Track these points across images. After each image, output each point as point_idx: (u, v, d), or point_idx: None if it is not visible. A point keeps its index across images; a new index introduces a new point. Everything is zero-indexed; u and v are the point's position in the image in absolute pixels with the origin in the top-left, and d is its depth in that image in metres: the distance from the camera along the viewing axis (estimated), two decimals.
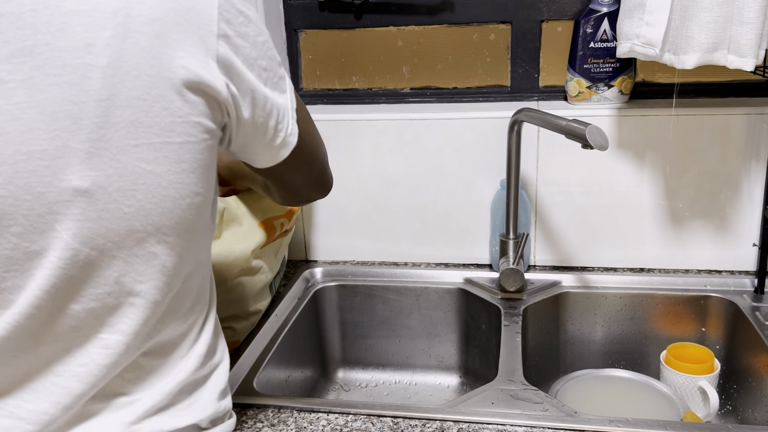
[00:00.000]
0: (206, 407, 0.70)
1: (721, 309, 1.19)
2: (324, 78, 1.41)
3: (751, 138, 1.18)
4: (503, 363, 1.03)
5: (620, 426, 0.86)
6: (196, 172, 0.60)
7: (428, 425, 0.88)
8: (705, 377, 1.07)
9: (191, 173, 0.60)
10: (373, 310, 1.32)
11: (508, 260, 1.21)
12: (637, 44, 1.04)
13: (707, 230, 1.24)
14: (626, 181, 1.23)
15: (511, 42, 1.32)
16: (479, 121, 1.25)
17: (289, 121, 0.69)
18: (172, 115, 0.57)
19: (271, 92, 0.66)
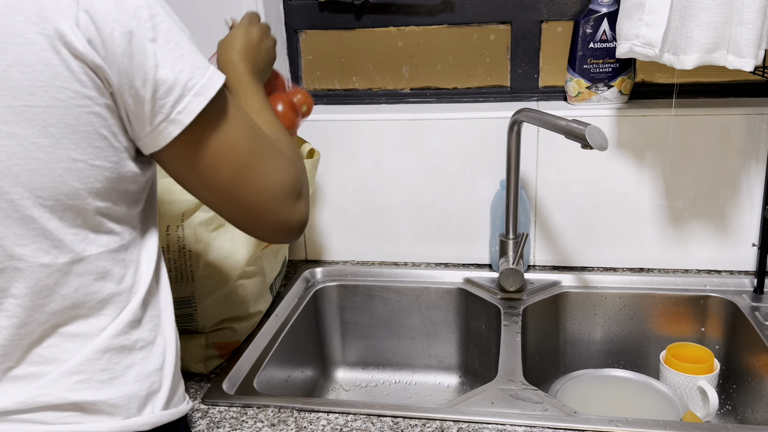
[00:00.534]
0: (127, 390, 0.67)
1: (720, 309, 1.19)
2: (324, 78, 1.41)
3: (751, 138, 1.18)
4: (503, 363, 1.03)
5: (620, 426, 0.86)
6: (71, 137, 0.59)
7: (428, 425, 0.88)
8: (704, 377, 1.08)
9: (63, 138, 0.59)
10: (373, 310, 1.32)
11: (507, 260, 1.22)
12: (636, 44, 1.04)
13: (707, 230, 1.24)
14: (626, 181, 1.24)
15: (511, 42, 1.32)
16: (479, 121, 1.25)
17: (182, 97, 0.62)
18: (31, 79, 0.57)
19: (153, 62, 0.61)
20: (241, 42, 0.89)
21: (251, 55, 0.89)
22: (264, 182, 0.69)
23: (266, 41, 0.93)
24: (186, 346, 1.03)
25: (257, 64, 0.90)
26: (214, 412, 0.94)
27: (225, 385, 0.99)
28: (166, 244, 0.99)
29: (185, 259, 1.01)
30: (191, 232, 1.00)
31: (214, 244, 1.02)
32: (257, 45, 0.90)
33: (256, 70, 0.89)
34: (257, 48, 0.90)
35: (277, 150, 0.72)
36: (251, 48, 0.89)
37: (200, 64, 0.64)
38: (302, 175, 0.75)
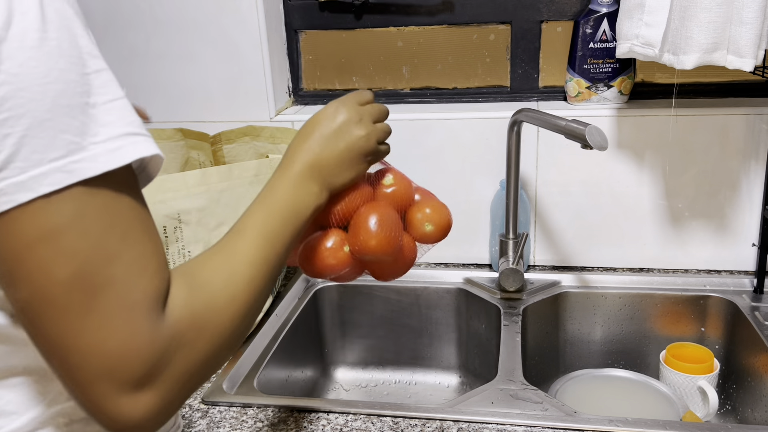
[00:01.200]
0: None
1: (720, 309, 1.19)
2: (324, 78, 1.41)
3: (751, 138, 1.18)
4: (503, 363, 1.03)
5: (620, 426, 0.86)
6: None
7: (428, 425, 0.88)
8: (704, 377, 1.08)
9: None
10: (373, 310, 1.32)
11: (507, 260, 1.22)
12: (636, 44, 1.04)
13: (706, 230, 1.24)
14: (626, 181, 1.24)
15: (511, 42, 1.32)
16: (479, 121, 1.25)
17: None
18: None
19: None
20: (314, 128, 0.69)
21: (318, 147, 0.68)
22: (79, 343, 0.45)
23: (352, 130, 0.70)
24: None
25: (325, 160, 0.67)
26: (214, 412, 0.94)
27: (225, 385, 0.99)
28: (166, 245, 0.99)
29: (185, 259, 1.01)
30: (190, 231, 1.00)
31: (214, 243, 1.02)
32: (334, 133, 0.69)
33: (319, 169, 0.67)
34: (332, 137, 0.68)
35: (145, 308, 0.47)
36: (322, 136, 0.68)
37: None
38: (165, 359, 0.47)
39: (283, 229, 0.62)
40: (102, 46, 1.38)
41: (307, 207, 0.65)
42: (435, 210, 0.79)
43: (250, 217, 0.62)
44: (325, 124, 0.69)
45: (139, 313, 0.46)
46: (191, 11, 1.28)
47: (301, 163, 0.67)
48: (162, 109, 1.35)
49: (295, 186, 0.65)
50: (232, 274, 0.55)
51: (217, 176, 1.01)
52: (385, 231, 0.71)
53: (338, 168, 0.69)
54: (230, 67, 1.30)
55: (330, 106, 0.71)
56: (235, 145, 1.28)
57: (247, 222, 0.61)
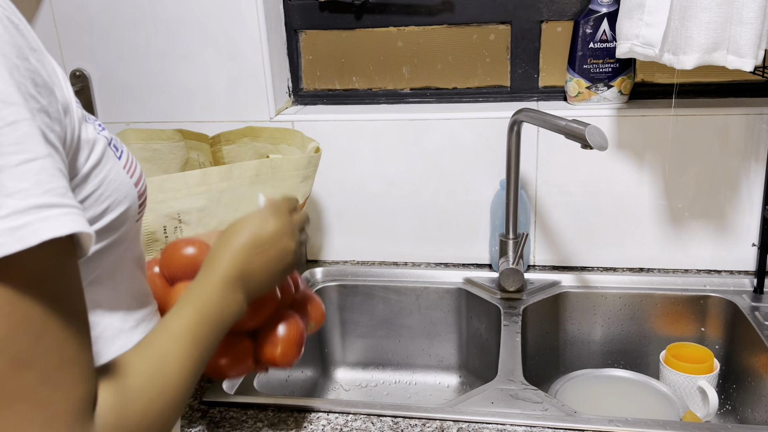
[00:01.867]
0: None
1: (720, 309, 1.19)
2: (324, 78, 1.41)
3: (751, 138, 1.18)
4: (503, 363, 1.03)
5: (620, 425, 0.86)
6: None
7: (428, 425, 0.88)
8: (704, 377, 1.08)
9: None
10: (373, 310, 1.32)
11: (507, 260, 1.22)
12: (636, 44, 1.04)
13: (706, 230, 1.25)
14: (626, 181, 1.24)
15: (511, 42, 1.32)
16: (479, 121, 1.25)
17: None
18: None
19: None
20: (247, 235, 0.68)
21: (249, 256, 0.68)
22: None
23: (284, 242, 0.71)
24: None
25: (253, 271, 0.67)
26: (214, 412, 0.94)
27: (225, 385, 0.99)
28: (166, 245, 0.99)
29: None
30: (191, 231, 1.00)
31: None
32: (266, 243, 0.69)
33: (246, 279, 0.67)
34: (264, 247, 0.69)
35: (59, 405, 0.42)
36: (255, 245, 0.68)
37: None
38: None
39: (211, 335, 0.61)
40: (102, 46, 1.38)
41: (232, 315, 0.65)
42: (315, 308, 0.83)
43: (182, 318, 0.60)
44: (257, 232, 0.69)
45: (57, 429, 0.41)
46: (191, 11, 1.28)
47: (230, 269, 0.66)
48: (162, 108, 1.35)
49: (224, 292, 0.64)
50: (166, 381, 0.53)
51: (218, 176, 1.01)
52: (295, 345, 0.76)
53: (264, 278, 0.69)
54: (230, 67, 1.30)
55: (263, 212, 0.71)
56: (235, 146, 1.28)
57: (180, 324, 0.59)
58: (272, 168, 1.07)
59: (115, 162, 0.57)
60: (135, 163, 0.62)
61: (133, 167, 0.61)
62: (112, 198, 0.56)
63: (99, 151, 0.55)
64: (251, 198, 1.05)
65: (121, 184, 0.57)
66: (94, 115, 1.38)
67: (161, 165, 1.25)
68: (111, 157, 0.57)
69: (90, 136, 0.54)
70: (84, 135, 0.53)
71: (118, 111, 1.38)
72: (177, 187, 0.98)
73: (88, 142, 0.54)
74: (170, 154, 1.26)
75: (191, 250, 0.76)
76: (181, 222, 0.99)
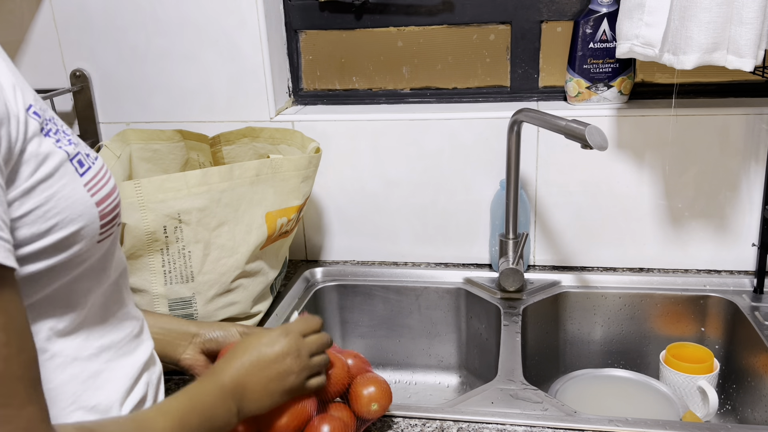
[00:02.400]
0: None
1: (720, 309, 1.19)
2: (324, 78, 1.41)
3: (751, 138, 1.18)
4: (503, 363, 1.03)
5: (620, 425, 0.86)
6: None
7: (428, 425, 0.88)
8: (704, 377, 1.08)
9: None
10: (373, 310, 1.32)
11: (507, 260, 1.22)
12: (636, 44, 1.04)
13: (706, 230, 1.25)
14: (626, 181, 1.24)
15: (511, 42, 1.32)
16: (479, 121, 1.25)
17: None
18: None
19: None
20: (253, 353, 0.71)
21: (250, 372, 0.71)
22: None
23: (286, 364, 0.72)
24: None
25: (250, 387, 0.70)
26: None
27: None
28: (166, 245, 0.99)
29: (185, 259, 1.01)
30: (190, 231, 1.00)
31: (214, 243, 1.02)
32: (268, 363, 0.72)
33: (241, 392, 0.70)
34: (265, 366, 0.71)
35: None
36: (257, 363, 0.71)
37: None
38: None
39: (198, 426, 0.63)
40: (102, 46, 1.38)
41: (222, 419, 0.67)
42: (380, 388, 0.86)
43: (175, 400, 0.63)
44: (263, 350, 0.72)
45: None
46: (192, 11, 1.28)
47: (228, 380, 0.69)
48: (162, 108, 1.36)
49: (218, 396, 0.67)
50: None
51: (218, 176, 1.01)
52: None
53: (258, 396, 0.71)
54: (230, 67, 1.30)
55: (274, 331, 0.75)
56: (235, 146, 1.28)
57: (172, 404, 0.62)
58: (273, 168, 1.07)
59: (72, 179, 0.56)
60: (105, 181, 0.61)
61: (100, 185, 0.60)
62: (62, 216, 0.55)
63: (51, 165, 0.54)
64: (251, 198, 1.05)
65: (75, 202, 0.56)
66: (94, 116, 1.38)
67: (161, 165, 1.25)
68: (68, 174, 0.56)
69: (43, 150, 0.54)
70: (32, 148, 0.53)
71: (118, 111, 1.38)
72: (177, 186, 0.98)
73: (36, 156, 0.53)
74: (170, 155, 1.26)
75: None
76: (181, 222, 0.99)
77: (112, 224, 0.61)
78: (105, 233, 0.60)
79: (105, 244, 0.62)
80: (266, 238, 1.07)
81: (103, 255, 0.63)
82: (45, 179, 0.54)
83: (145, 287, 1.00)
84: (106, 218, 0.60)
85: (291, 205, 1.11)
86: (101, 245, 0.61)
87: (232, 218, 1.03)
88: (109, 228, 0.61)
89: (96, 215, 0.58)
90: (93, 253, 0.60)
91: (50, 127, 0.56)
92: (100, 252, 0.61)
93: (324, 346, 0.79)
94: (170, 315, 0.90)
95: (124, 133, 1.23)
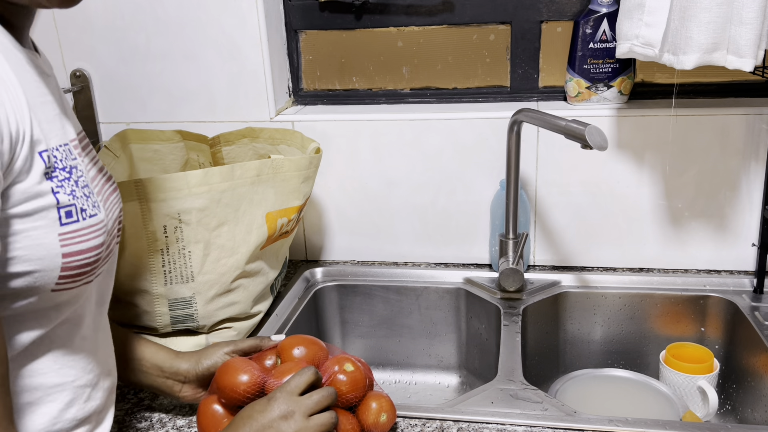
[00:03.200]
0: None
1: (720, 309, 1.19)
2: (324, 78, 1.41)
3: (750, 138, 1.18)
4: (503, 363, 1.03)
5: (619, 425, 0.86)
6: None
7: (428, 425, 0.88)
8: (704, 377, 1.08)
9: None
10: (373, 310, 1.32)
11: (507, 260, 1.22)
12: (636, 45, 1.04)
13: (706, 230, 1.25)
14: (625, 181, 1.24)
15: (511, 42, 1.32)
16: (479, 121, 1.25)
17: None
18: None
19: None
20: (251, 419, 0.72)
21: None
22: None
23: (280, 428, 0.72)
24: (186, 346, 1.03)
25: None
26: None
27: None
28: (166, 245, 0.99)
29: (185, 259, 1.01)
30: (191, 231, 1.00)
31: (215, 243, 1.02)
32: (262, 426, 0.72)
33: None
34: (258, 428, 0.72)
35: None
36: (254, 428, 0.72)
37: None
38: None
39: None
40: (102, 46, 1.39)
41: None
42: (388, 402, 0.84)
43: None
44: (256, 417, 0.72)
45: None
46: (192, 11, 1.28)
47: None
48: (162, 109, 1.36)
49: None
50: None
51: (219, 176, 1.01)
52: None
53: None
54: (230, 67, 1.31)
55: (272, 394, 0.74)
56: (234, 147, 1.28)
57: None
58: (274, 168, 1.07)
59: (49, 224, 0.58)
60: (89, 238, 0.61)
61: (78, 240, 0.60)
62: (21, 252, 0.56)
63: (35, 206, 0.56)
64: (252, 198, 1.05)
65: (39, 245, 0.57)
66: (94, 116, 1.38)
67: (161, 166, 1.25)
68: (47, 218, 0.58)
69: (34, 190, 0.56)
70: (25, 186, 0.55)
71: (119, 111, 1.38)
72: (178, 186, 0.98)
73: (24, 193, 0.55)
74: (170, 155, 1.26)
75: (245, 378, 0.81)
76: (181, 222, 0.99)
77: (76, 279, 0.62)
78: (64, 284, 0.61)
79: (63, 295, 0.62)
80: (266, 239, 1.07)
81: (60, 304, 0.63)
82: (22, 215, 0.56)
83: (146, 287, 1.00)
84: (69, 271, 0.60)
85: (291, 206, 1.11)
86: (56, 295, 0.61)
87: (233, 218, 1.03)
88: (70, 281, 0.61)
89: (58, 265, 0.59)
90: (44, 299, 0.61)
91: (57, 174, 0.59)
92: (53, 301, 0.62)
93: (326, 402, 0.75)
94: (159, 345, 0.91)
95: (124, 133, 1.23)
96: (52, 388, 0.65)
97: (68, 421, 0.67)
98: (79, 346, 0.68)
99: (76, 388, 0.68)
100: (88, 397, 0.69)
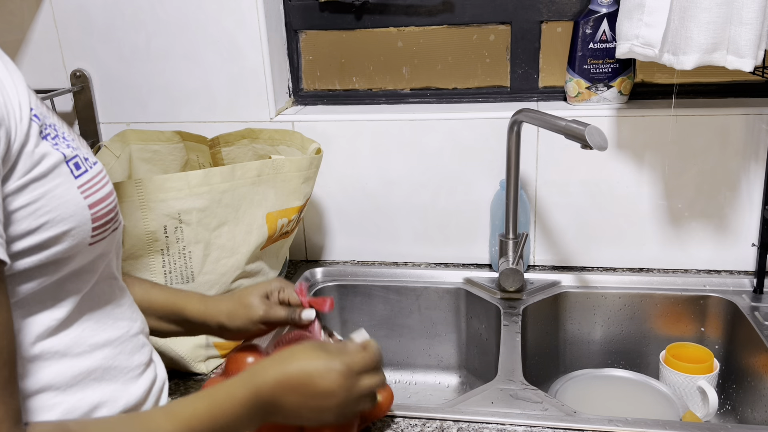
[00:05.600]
0: None
1: (720, 309, 1.19)
2: (324, 78, 1.41)
3: (750, 138, 1.18)
4: (503, 363, 1.03)
5: (619, 425, 0.86)
6: None
7: (428, 425, 0.88)
8: (704, 377, 1.08)
9: None
10: (373, 310, 1.32)
11: (507, 260, 1.22)
12: (636, 45, 1.05)
13: (706, 230, 1.25)
14: (625, 181, 1.24)
15: (511, 43, 1.32)
16: (479, 121, 1.25)
17: None
18: None
19: None
20: (303, 373, 0.66)
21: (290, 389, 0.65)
22: None
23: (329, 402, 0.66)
24: (186, 346, 1.03)
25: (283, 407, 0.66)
26: None
27: None
28: (166, 246, 0.99)
29: (185, 259, 1.01)
30: (191, 231, 1.00)
31: (215, 243, 1.02)
32: (312, 392, 0.66)
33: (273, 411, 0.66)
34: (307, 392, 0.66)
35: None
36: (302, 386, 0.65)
37: None
38: None
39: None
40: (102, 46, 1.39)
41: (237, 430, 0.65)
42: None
43: (192, 407, 0.62)
44: (315, 380, 0.66)
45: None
46: (192, 11, 1.28)
47: (265, 392, 0.65)
48: (162, 109, 1.36)
49: (248, 408, 0.64)
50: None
51: (220, 176, 1.01)
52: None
53: (288, 417, 0.67)
54: (230, 67, 1.31)
55: (333, 359, 0.67)
56: (234, 148, 1.28)
57: (187, 411, 0.61)
58: (274, 169, 1.07)
59: (66, 180, 0.58)
60: (100, 186, 0.62)
61: (95, 189, 0.61)
62: (53, 214, 0.56)
63: (46, 166, 0.56)
64: (252, 199, 1.05)
65: (67, 202, 0.57)
66: (94, 116, 1.38)
67: (161, 166, 1.25)
68: (62, 175, 0.57)
69: (40, 150, 0.56)
70: (29, 148, 0.54)
71: (119, 111, 1.38)
72: (178, 186, 0.98)
73: (31, 155, 0.55)
74: (170, 156, 1.26)
75: (251, 359, 0.80)
76: (181, 222, 0.99)
77: (105, 228, 0.62)
78: (97, 236, 0.61)
79: (98, 247, 0.62)
80: (267, 239, 1.08)
81: (96, 258, 0.64)
82: (39, 178, 0.55)
83: None
84: (98, 221, 0.61)
85: (292, 206, 1.11)
86: (93, 248, 0.62)
87: (233, 218, 1.03)
88: (101, 231, 0.62)
89: (88, 217, 0.59)
90: (84, 255, 0.61)
91: (49, 131, 0.58)
92: (92, 254, 0.62)
93: (376, 388, 0.72)
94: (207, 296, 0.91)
95: (124, 133, 1.23)
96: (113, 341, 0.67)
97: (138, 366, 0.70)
98: (119, 297, 0.70)
99: (131, 336, 0.70)
100: (143, 344, 0.72)
